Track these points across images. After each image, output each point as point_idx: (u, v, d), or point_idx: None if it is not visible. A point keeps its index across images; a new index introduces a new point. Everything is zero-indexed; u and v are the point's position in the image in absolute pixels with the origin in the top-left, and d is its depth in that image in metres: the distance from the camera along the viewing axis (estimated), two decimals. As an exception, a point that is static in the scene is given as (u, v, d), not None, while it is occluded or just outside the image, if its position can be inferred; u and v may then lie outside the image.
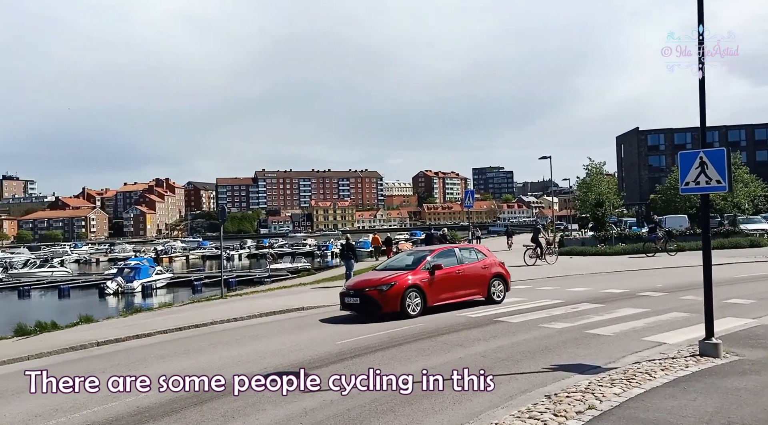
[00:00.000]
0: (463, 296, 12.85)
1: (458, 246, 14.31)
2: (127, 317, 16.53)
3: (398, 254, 15.10)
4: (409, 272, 12.30)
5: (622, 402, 5.58)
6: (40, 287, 41.04)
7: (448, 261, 12.84)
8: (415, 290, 11.96)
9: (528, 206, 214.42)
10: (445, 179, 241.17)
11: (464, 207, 21.02)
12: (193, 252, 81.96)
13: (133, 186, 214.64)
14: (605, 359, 7.61)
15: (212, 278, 38.91)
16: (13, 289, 40.34)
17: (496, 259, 14.12)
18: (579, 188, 40.32)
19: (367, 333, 10.37)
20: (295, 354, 9.11)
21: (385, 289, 11.80)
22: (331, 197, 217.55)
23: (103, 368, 9.09)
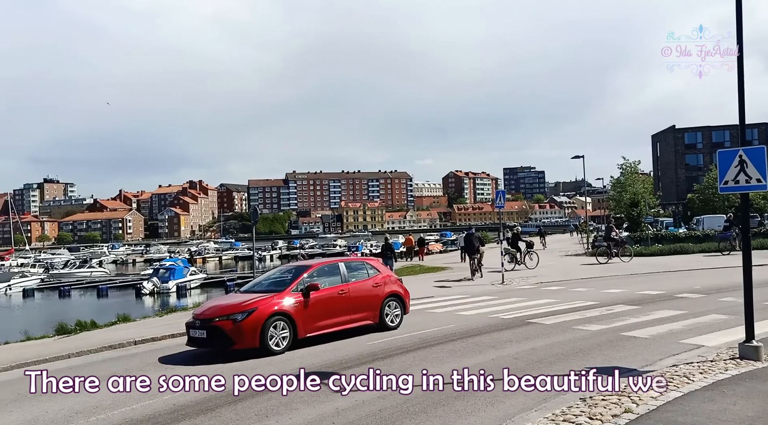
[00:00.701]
0: (347, 322, 10.38)
1: (345, 260, 11.66)
2: (162, 317, 16.86)
3: (270, 271, 11.97)
4: (276, 295, 9.74)
5: (660, 405, 5.47)
6: (80, 287, 42.17)
7: (329, 280, 10.48)
8: (281, 319, 9.41)
9: (560, 206, 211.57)
10: (475, 179, 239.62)
11: (495, 208, 20.86)
12: (225, 253, 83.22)
13: (167, 188, 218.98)
14: (641, 362, 7.47)
15: (244, 279, 39.34)
16: (54, 289, 41.55)
17: (392, 275, 11.96)
18: (613, 188, 39.63)
19: (398, 334, 10.38)
20: (328, 354, 9.17)
21: (240, 319, 9.15)
22: (361, 198, 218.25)
23: (140, 366, 9.29)
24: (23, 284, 42.26)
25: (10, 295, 39.86)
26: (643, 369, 6.98)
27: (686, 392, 5.85)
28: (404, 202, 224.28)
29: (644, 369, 7.02)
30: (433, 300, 15.20)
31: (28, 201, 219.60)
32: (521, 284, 18.06)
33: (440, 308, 13.54)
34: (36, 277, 46.31)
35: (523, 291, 16.36)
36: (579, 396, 6.02)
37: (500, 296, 15.25)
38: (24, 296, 39.55)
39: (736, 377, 6.31)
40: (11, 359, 10.82)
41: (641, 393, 5.88)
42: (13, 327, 20.52)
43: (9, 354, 11.59)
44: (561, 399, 5.98)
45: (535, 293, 15.80)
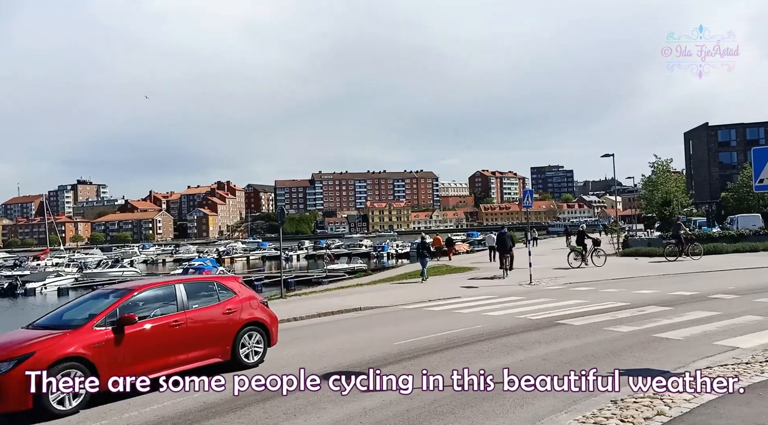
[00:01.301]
0: (182, 363, 7.85)
1: (185, 280, 9.14)
2: (192, 316, 17.10)
3: (79, 298, 9.15)
4: (69, 332, 7.17)
5: (693, 408, 5.35)
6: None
7: (160, 308, 8.05)
8: (74, 366, 6.84)
9: (589, 205, 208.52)
10: (502, 178, 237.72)
11: (523, 207, 20.89)
12: (253, 253, 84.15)
13: (196, 189, 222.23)
14: (674, 363, 7.32)
15: (272, 279, 39.78)
16: (87, 288, 42.49)
17: (255, 297, 9.40)
18: (644, 187, 38.99)
19: (425, 335, 10.34)
20: (354, 354, 9.19)
21: (4, 369, 6.55)
22: (387, 198, 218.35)
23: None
24: (58, 283, 43.38)
25: (46, 294, 40.94)
26: (675, 371, 6.84)
27: (721, 394, 5.71)
28: (430, 202, 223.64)
29: (677, 371, 6.88)
30: (460, 301, 15.13)
31: (63, 202, 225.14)
32: (550, 285, 17.86)
33: (467, 309, 13.47)
34: (70, 276, 47.47)
35: (551, 292, 16.17)
36: (610, 397, 5.93)
37: (528, 297, 15.10)
38: (59, 294, 40.59)
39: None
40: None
41: (674, 395, 5.76)
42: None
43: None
44: (591, 401, 5.90)
45: (564, 293, 15.61)
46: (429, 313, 13.41)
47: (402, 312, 13.83)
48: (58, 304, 35.91)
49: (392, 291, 18.77)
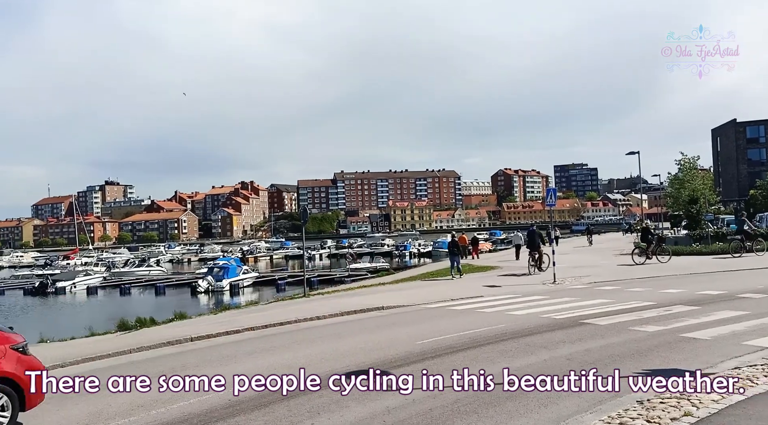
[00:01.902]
0: None
1: None
2: (217, 315, 17.33)
3: None
4: None
5: (721, 409, 5.26)
6: (139, 285, 43.80)
7: None
8: None
9: (614, 204, 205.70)
10: (525, 177, 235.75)
11: (546, 206, 20.69)
12: (276, 252, 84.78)
13: (220, 189, 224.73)
14: (701, 364, 7.20)
15: (295, 278, 40.04)
16: (115, 287, 43.33)
17: (10, 338, 6.58)
18: (671, 185, 38.29)
19: (448, 334, 10.32)
20: (377, 352, 9.22)
21: None
22: (409, 197, 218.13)
23: (197, 362, 9.59)
24: (87, 282, 44.25)
25: (75, 292, 41.80)
26: (703, 371, 6.72)
27: (749, 395, 5.61)
28: (452, 201, 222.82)
29: (705, 371, 6.76)
30: (483, 300, 15.06)
31: (91, 203, 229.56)
32: (574, 284, 17.68)
33: (490, 308, 13.41)
34: (99, 275, 48.37)
35: (575, 291, 16.01)
36: (636, 398, 5.86)
37: (552, 296, 14.97)
38: (88, 293, 41.42)
39: (806, 382, 6.01)
40: (77, 354, 11.35)
41: (702, 395, 5.67)
42: (79, 323, 21.50)
43: (75, 350, 12.17)
44: (617, 402, 5.84)
45: (589, 293, 15.44)
46: (451, 312, 13.38)
47: (424, 312, 13.82)
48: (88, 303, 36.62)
49: (414, 290, 18.77)
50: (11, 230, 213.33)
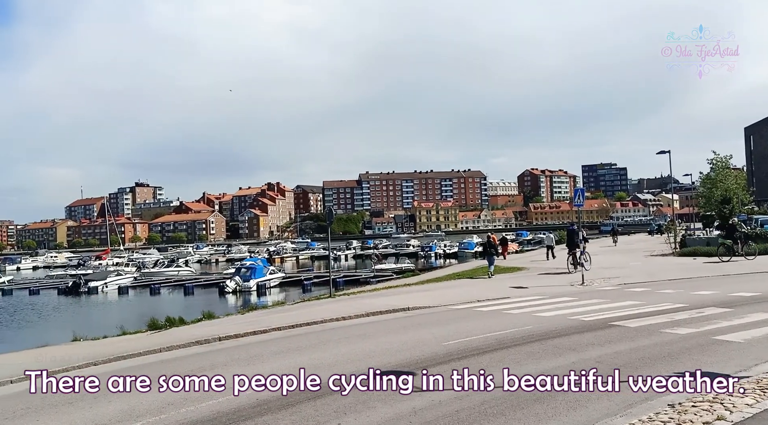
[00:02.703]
0: None
1: None
2: (244, 315, 17.53)
3: None
4: None
5: (756, 413, 5.14)
6: (168, 285, 44.52)
7: None
8: None
9: (644, 204, 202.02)
10: (552, 177, 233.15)
11: (574, 206, 20.48)
12: (302, 253, 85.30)
13: (247, 190, 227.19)
14: (735, 367, 7.03)
15: (320, 278, 40.26)
16: (145, 287, 44.13)
17: None
18: (702, 184, 37.51)
19: (474, 335, 10.26)
20: (403, 353, 9.21)
21: None
22: (434, 197, 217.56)
23: (225, 361, 9.71)
24: (118, 281, 45.16)
25: (107, 292, 42.69)
26: (737, 375, 6.57)
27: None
28: (478, 201, 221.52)
29: (738, 374, 6.60)
30: (510, 301, 14.95)
31: (122, 204, 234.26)
32: (603, 285, 17.43)
33: (517, 309, 13.30)
34: (130, 275, 49.32)
35: (604, 292, 15.78)
36: (667, 401, 5.75)
37: (580, 298, 14.78)
38: (119, 293, 42.28)
39: None
40: (110, 352, 11.60)
41: (735, 399, 5.54)
42: (110, 322, 21.95)
43: (108, 348, 12.43)
44: (647, 405, 5.74)
45: (618, 294, 15.20)
46: (478, 313, 13.31)
47: (450, 313, 13.77)
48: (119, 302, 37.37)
49: (440, 291, 18.71)
50: (46, 231, 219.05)
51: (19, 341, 21.77)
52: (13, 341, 22.93)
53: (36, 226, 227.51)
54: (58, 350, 13.36)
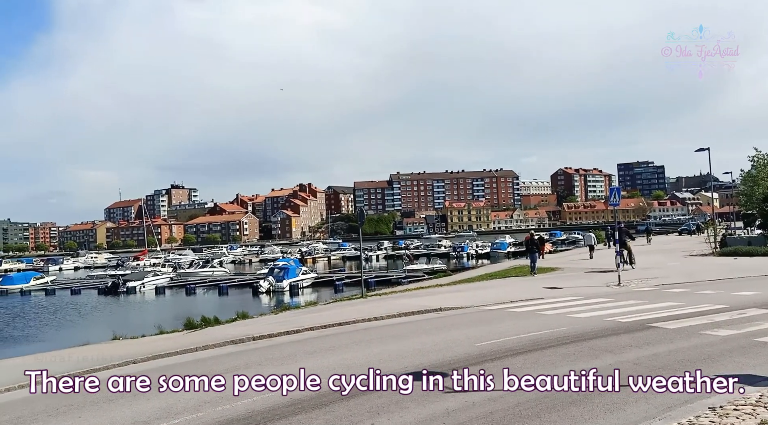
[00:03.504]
0: None
1: None
2: (277, 315, 17.71)
3: None
4: None
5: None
6: (204, 285, 45.31)
7: None
8: None
9: (682, 203, 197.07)
10: (586, 176, 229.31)
11: (609, 205, 20.19)
12: (334, 253, 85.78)
13: (279, 192, 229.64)
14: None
15: (352, 278, 40.40)
16: (181, 287, 44.97)
17: None
18: (743, 182, 36.35)
19: (507, 336, 10.17)
20: (435, 354, 9.18)
21: None
22: (466, 197, 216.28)
23: (259, 361, 9.83)
24: (155, 282, 46.14)
25: (144, 292, 43.67)
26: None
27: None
28: (510, 201, 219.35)
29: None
30: (543, 302, 14.76)
31: (158, 206, 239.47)
32: (640, 286, 17.07)
33: (551, 310, 13.12)
34: (166, 276, 50.33)
35: (642, 293, 15.45)
36: (708, 404, 5.60)
37: (616, 299, 14.50)
38: (156, 293, 43.22)
39: None
40: (148, 351, 11.87)
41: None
42: (148, 321, 22.46)
43: (146, 347, 12.72)
44: (687, 408, 5.60)
45: (656, 295, 14.87)
46: (511, 314, 13.18)
47: (483, 313, 13.67)
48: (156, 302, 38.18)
49: (472, 292, 18.59)
50: (86, 233, 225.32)
51: (61, 339, 22.46)
52: (54, 339, 23.68)
53: (77, 227, 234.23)
54: (98, 348, 13.74)
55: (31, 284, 50.93)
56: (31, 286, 50.49)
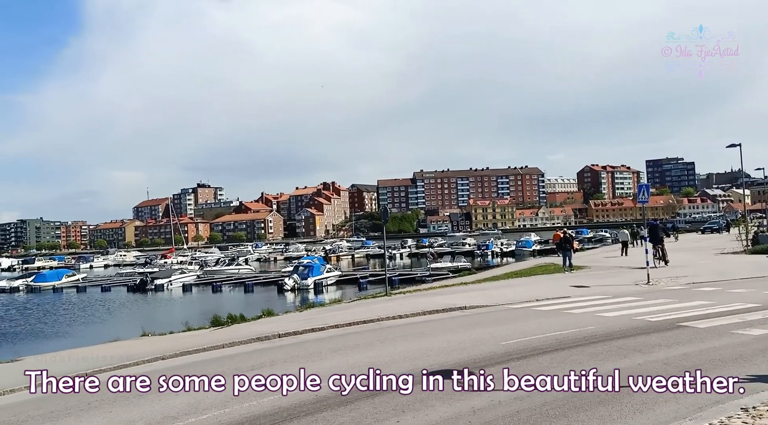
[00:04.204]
0: None
1: None
2: (302, 312, 17.82)
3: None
4: None
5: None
6: (230, 282, 45.83)
7: None
8: None
9: (713, 200, 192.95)
10: (614, 173, 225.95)
11: (638, 203, 20.01)
12: (357, 251, 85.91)
13: (303, 190, 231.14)
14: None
15: (376, 276, 40.45)
16: (207, 284, 45.57)
17: None
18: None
19: (533, 335, 10.07)
20: (460, 352, 9.14)
21: None
22: (490, 195, 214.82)
23: (285, 358, 9.90)
24: (183, 279, 46.82)
25: (171, 289, 44.36)
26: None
27: None
28: (536, 199, 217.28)
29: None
30: (570, 300, 14.58)
31: (185, 205, 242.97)
32: (669, 285, 16.76)
33: (578, 309, 12.96)
34: (193, 274, 51.03)
35: (671, 292, 15.16)
36: (740, 404, 5.48)
37: (646, 297, 14.26)
38: (183, 290, 43.87)
39: None
40: (176, 348, 12.05)
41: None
42: (175, 318, 22.82)
43: (174, 344, 12.93)
44: (719, 409, 5.48)
45: (686, 294, 14.59)
46: (536, 313, 13.06)
47: (508, 312, 13.57)
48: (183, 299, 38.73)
49: (497, 290, 18.46)
50: (115, 231, 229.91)
51: (92, 335, 22.93)
52: (85, 335, 24.18)
53: (106, 226, 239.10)
54: (128, 344, 14.00)
55: (63, 282, 52.11)
56: (63, 283, 51.66)
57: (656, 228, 22.71)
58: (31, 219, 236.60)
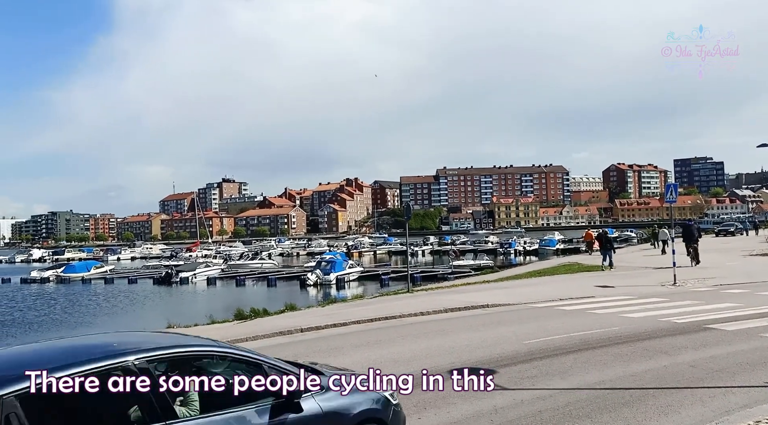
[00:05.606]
0: None
1: None
2: (325, 307, 17.92)
3: None
4: None
5: None
6: (253, 277, 46.26)
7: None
8: None
9: (742, 200, 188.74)
10: (640, 172, 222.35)
11: (666, 202, 19.74)
12: (379, 248, 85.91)
13: (326, 186, 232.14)
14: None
15: (398, 273, 40.45)
16: (231, 278, 46.06)
17: None
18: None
19: (557, 334, 9.98)
20: (482, 350, 9.11)
21: None
22: (513, 193, 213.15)
23: (307, 352, 9.97)
24: (207, 273, 47.38)
25: (196, 283, 44.95)
26: None
27: None
28: (560, 197, 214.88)
29: None
30: (594, 300, 14.42)
31: (210, 199, 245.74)
32: (697, 286, 16.46)
33: (602, 309, 12.81)
34: (217, 267, 51.63)
35: (698, 294, 14.90)
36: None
37: (672, 299, 14.03)
38: (207, 283, 44.40)
39: None
40: (200, 339, 12.21)
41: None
42: (199, 311, 23.11)
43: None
44: (746, 413, 5.38)
45: (714, 296, 14.31)
46: (560, 312, 12.94)
47: (531, 311, 13.47)
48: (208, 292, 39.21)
49: (520, 289, 18.34)
50: (142, 224, 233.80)
51: (118, 326, 23.36)
52: (112, 326, 24.64)
53: (133, 219, 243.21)
54: (153, 336, 14.20)
55: (91, 273, 53.17)
56: (92, 274, 52.70)
57: (691, 227, 23.12)
58: (61, 212, 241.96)
